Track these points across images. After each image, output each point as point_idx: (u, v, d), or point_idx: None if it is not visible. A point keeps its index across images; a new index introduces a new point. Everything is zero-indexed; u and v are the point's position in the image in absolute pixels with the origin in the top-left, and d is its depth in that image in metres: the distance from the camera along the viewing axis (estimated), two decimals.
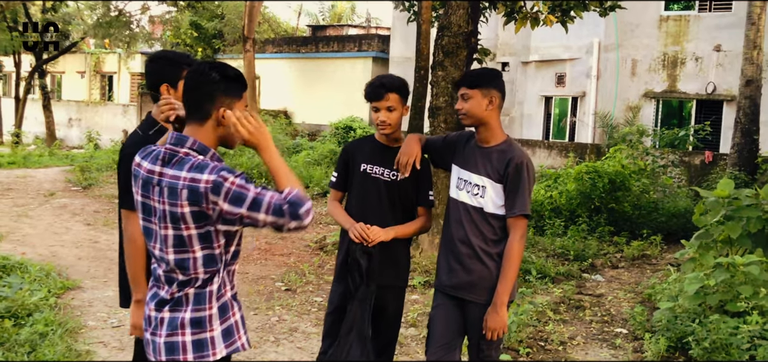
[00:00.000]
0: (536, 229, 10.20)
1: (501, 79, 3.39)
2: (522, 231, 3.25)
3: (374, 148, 3.64)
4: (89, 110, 31.79)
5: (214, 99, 2.42)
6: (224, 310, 2.46)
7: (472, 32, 7.53)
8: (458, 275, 3.38)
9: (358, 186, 3.61)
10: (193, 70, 2.47)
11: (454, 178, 3.49)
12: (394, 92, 3.48)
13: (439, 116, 7.65)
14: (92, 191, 12.77)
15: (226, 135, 2.49)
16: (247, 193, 2.27)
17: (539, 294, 6.96)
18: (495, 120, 3.34)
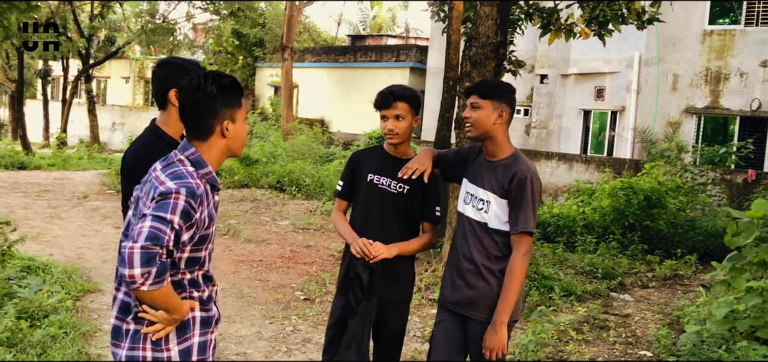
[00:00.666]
0: (567, 245, 9.97)
1: (513, 96, 3.31)
2: (525, 249, 3.13)
3: (382, 158, 3.56)
4: (132, 114, 32.43)
5: (216, 113, 2.40)
6: (183, 329, 2.40)
7: (500, 43, 7.39)
8: (461, 291, 3.28)
9: (363, 196, 3.54)
10: (188, 86, 2.40)
11: (463, 191, 3.41)
12: (403, 101, 3.41)
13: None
14: None
15: (232, 146, 2.49)
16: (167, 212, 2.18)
17: (563, 312, 6.77)
18: (502, 134, 3.25)
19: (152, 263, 2.11)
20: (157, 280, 2.14)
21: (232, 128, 2.44)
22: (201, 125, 2.39)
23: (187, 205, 2.23)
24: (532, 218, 3.13)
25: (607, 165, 15.54)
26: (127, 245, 2.11)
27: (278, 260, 8.47)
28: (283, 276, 7.75)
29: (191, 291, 2.41)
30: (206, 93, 2.36)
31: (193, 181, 2.29)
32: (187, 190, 2.25)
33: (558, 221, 10.83)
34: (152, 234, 2.12)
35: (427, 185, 3.48)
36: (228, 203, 12.24)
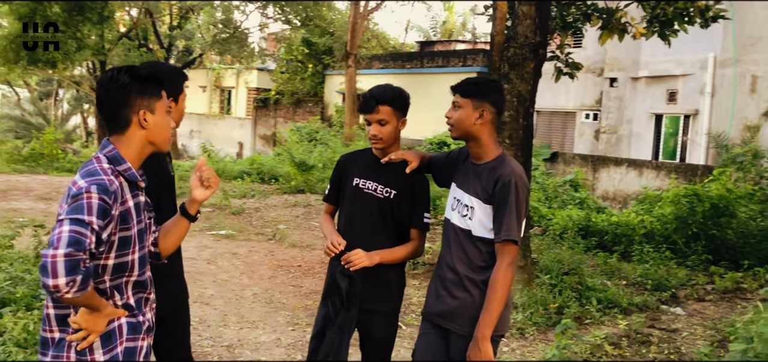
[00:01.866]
0: (624, 255, 9.49)
1: (498, 93, 3.11)
2: (510, 258, 2.92)
3: (369, 162, 3.41)
4: (209, 122, 33.40)
5: (131, 104, 2.34)
6: (108, 339, 2.34)
7: (540, 43, 7.08)
8: (443, 302, 3.10)
9: (349, 201, 3.40)
10: (102, 78, 2.38)
11: (450, 196, 3.23)
12: (385, 104, 3.26)
13: (504, 132, 7.24)
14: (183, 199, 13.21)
15: (154, 138, 2.41)
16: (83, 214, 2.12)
17: (605, 325, 6.41)
18: (486, 135, 3.05)
19: (77, 270, 2.05)
20: (83, 287, 2.09)
21: (151, 118, 2.36)
22: (117, 116, 2.34)
23: (102, 202, 2.16)
24: (516, 225, 2.91)
25: (678, 172, 14.82)
26: (48, 253, 2.04)
27: (317, 265, 8.42)
28: (318, 281, 7.68)
29: (119, 297, 2.36)
30: (118, 83, 2.31)
31: (105, 177, 2.23)
32: (98, 187, 2.18)
33: (616, 229, 10.34)
34: (73, 239, 2.06)
35: (416, 189, 3.32)
36: (281, 208, 12.33)
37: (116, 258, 2.30)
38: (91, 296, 2.19)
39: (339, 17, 27.36)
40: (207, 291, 7.03)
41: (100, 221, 2.15)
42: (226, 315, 6.26)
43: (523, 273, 7.23)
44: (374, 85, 3.42)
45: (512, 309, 6.67)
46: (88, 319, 2.25)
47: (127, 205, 2.32)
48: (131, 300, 2.40)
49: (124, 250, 2.32)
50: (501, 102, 3.09)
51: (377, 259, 3.23)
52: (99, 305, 2.25)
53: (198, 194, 2.55)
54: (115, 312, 2.33)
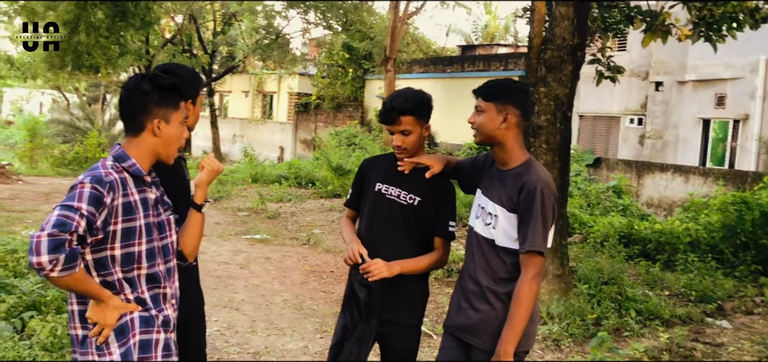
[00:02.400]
0: (667, 264, 9.15)
1: (522, 95, 2.94)
2: (535, 270, 2.75)
3: (393, 167, 3.26)
4: (251, 127, 33.73)
5: (148, 111, 2.46)
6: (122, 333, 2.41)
7: (578, 45, 6.86)
8: (465, 314, 2.95)
9: (370, 207, 3.26)
10: (127, 82, 2.50)
11: (475, 204, 3.08)
12: (407, 115, 3.11)
13: (541, 136, 7.05)
14: (221, 203, 13.32)
15: (162, 148, 2.52)
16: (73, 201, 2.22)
17: (645, 338, 6.15)
18: (512, 140, 2.89)
19: (61, 249, 2.13)
20: (67, 266, 2.15)
21: (164, 128, 2.48)
22: (133, 120, 2.46)
23: (94, 191, 2.25)
24: (541, 235, 2.74)
25: (726, 178, 14.32)
26: (35, 234, 2.13)
27: None
28: None
29: (130, 290, 2.44)
30: (140, 90, 2.44)
31: (102, 171, 2.34)
32: (92, 177, 2.29)
33: (659, 238, 9.99)
34: (59, 222, 2.16)
35: (440, 196, 3.18)
36: (316, 213, 12.29)
37: (122, 249, 2.38)
38: (83, 281, 2.26)
39: (379, 22, 27.30)
40: (238, 295, 6.99)
41: (91, 207, 2.23)
42: (254, 321, 6.20)
43: (560, 282, 7.01)
44: (394, 92, 3.29)
45: (548, 319, 6.49)
46: (97, 312, 2.35)
47: (131, 197, 2.41)
48: (146, 294, 2.47)
49: (130, 241, 2.40)
50: (526, 104, 2.93)
51: (397, 270, 3.08)
52: (100, 294, 2.34)
53: (197, 179, 2.71)
54: (124, 306, 2.40)
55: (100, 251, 2.36)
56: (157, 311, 2.50)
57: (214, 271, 8.00)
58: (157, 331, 2.49)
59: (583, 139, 20.42)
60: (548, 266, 7.05)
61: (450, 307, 3.10)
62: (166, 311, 2.56)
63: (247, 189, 14.86)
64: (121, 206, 2.35)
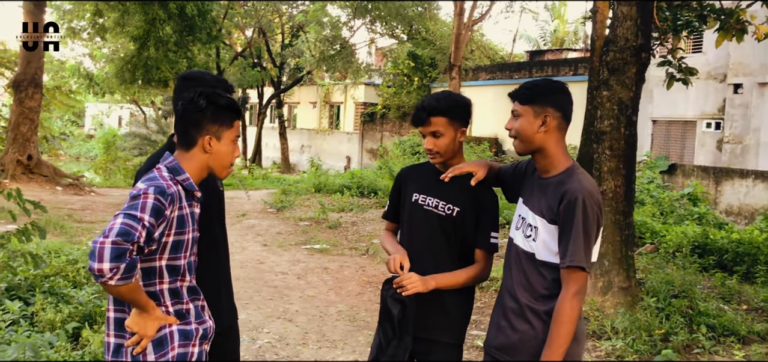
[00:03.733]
0: (745, 276, 8.61)
1: (561, 95, 2.69)
2: (576, 287, 2.52)
3: (431, 175, 3.10)
4: (318, 137, 34.09)
5: (201, 127, 2.49)
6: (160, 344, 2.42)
7: (642, 46, 6.52)
8: (503, 333, 2.74)
9: (408, 218, 3.10)
10: (184, 98, 2.53)
11: (516, 213, 2.87)
12: (439, 116, 2.95)
13: (604, 142, 6.73)
14: (284, 213, 13.38)
15: (213, 164, 2.55)
16: (137, 211, 2.25)
17: (718, 355, 5.75)
18: (553, 145, 2.66)
19: (122, 258, 2.15)
20: (126, 276, 2.18)
21: (215, 145, 2.51)
22: (186, 135, 2.51)
23: (157, 202, 2.29)
24: (583, 249, 2.51)
25: None
26: (98, 240, 2.15)
27: None
28: None
29: (171, 302, 2.47)
30: (196, 106, 2.47)
31: (164, 181, 2.38)
32: (156, 188, 2.32)
33: (737, 248, 9.41)
34: (123, 230, 2.18)
35: (481, 206, 2.98)
36: (377, 223, 12.18)
37: (169, 260, 2.43)
38: (136, 290, 2.28)
39: (444, 30, 27.13)
40: (292, 306, 6.94)
41: (153, 219, 2.27)
42: (307, 332, 6.12)
43: (626, 295, 6.67)
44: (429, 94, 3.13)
45: (612, 334, 6.16)
46: (138, 322, 2.36)
47: (184, 211, 2.46)
48: (190, 305, 2.53)
49: (177, 253, 2.45)
50: (567, 104, 2.68)
51: (433, 284, 2.89)
52: (147, 305, 2.36)
53: None
54: (165, 318, 2.42)
55: (149, 261, 2.39)
56: (198, 323, 2.54)
57: (272, 281, 7.99)
58: (194, 345, 2.52)
59: (657, 145, 19.65)
60: (613, 278, 6.73)
61: (490, 325, 2.90)
62: (208, 323, 2.62)
63: (310, 199, 14.91)
64: (176, 219, 2.41)
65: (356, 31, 29.68)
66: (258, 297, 7.23)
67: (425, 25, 26.40)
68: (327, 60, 28.81)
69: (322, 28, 28.46)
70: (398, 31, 28.44)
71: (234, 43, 33.21)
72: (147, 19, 14.10)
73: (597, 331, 6.31)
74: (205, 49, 16.79)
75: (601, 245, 6.80)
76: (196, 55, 16.22)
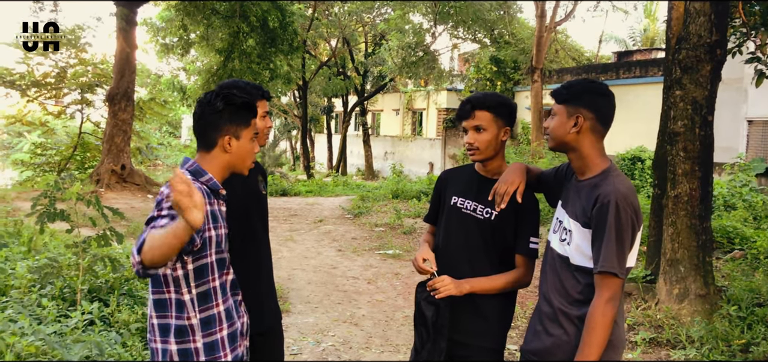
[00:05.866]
0: None
1: (597, 96, 2.61)
2: (609, 293, 2.44)
3: (470, 179, 3.09)
4: (401, 144, 34.23)
5: (220, 128, 2.51)
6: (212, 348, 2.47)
7: (717, 43, 6.24)
8: (539, 338, 2.70)
9: (446, 221, 3.09)
10: (200, 100, 2.57)
11: (554, 217, 2.83)
12: (483, 110, 2.93)
13: (678, 143, 6.48)
14: (360, 219, 13.53)
15: (235, 162, 2.58)
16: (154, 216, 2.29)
17: None
18: (588, 146, 2.61)
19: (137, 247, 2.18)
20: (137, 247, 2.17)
21: (235, 144, 2.53)
22: (205, 136, 2.53)
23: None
24: (616, 254, 2.42)
25: None
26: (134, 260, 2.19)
27: None
28: None
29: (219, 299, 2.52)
30: (213, 108, 2.49)
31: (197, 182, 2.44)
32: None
33: None
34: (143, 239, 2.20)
35: (521, 209, 2.92)
36: None
37: (216, 254, 2.49)
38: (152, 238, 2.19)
39: (527, 32, 26.71)
40: (359, 311, 7.03)
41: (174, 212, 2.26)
42: (371, 337, 6.18)
43: (703, 303, 6.38)
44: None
45: (687, 343, 5.90)
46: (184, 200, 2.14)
47: (214, 206, 2.51)
48: (230, 301, 2.58)
49: (220, 247, 2.52)
50: (603, 106, 2.60)
51: (467, 288, 2.88)
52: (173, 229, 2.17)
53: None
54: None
55: (200, 259, 2.43)
56: (238, 317, 2.60)
57: (342, 286, 8.11)
58: (240, 345, 2.59)
59: (753, 146, 18.62)
60: (690, 285, 6.46)
61: (527, 330, 2.86)
62: (244, 317, 2.69)
63: (387, 205, 15.01)
64: (210, 214, 2.45)
65: (438, 37, 29.64)
66: (327, 301, 7.36)
67: (507, 28, 26.07)
68: (409, 67, 28.89)
69: (403, 35, 28.61)
70: (480, 35, 28.21)
71: (319, 54, 33.87)
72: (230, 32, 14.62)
73: (671, 340, 6.07)
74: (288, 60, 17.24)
75: (677, 251, 6.54)
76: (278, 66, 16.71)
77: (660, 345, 6.07)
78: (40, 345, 3.81)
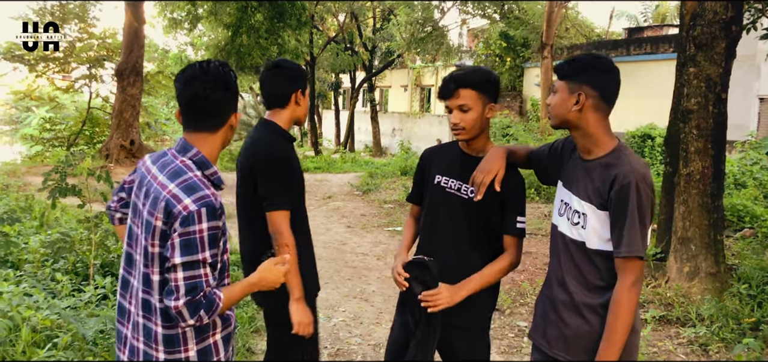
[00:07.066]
0: None
1: (601, 72, 2.49)
2: (634, 277, 2.37)
3: (454, 157, 2.97)
4: (409, 120, 34.16)
5: (233, 105, 2.33)
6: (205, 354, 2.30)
7: (733, 19, 6.17)
8: (556, 327, 2.60)
9: (430, 201, 2.98)
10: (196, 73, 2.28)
11: (557, 198, 2.73)
12: (468, 88, 2.80)
13: (691, 121, 6.43)
14: (369, 195, 13.55)
15: (226, 139, 2.39)
16: (197, 251, 2.11)
17: None
18: (593, 124, 2.51)
19: (198, 308, 2.11)
20: (211, 313, 2.15)
21: (235, 122, 2.36)
22: (215, 115, 2.29)
23: (213, 231, 2.15)
24: (639, 237, 2.36)
25: None
26: (170, 304, 2.10)
27: None
28: None
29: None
30: (230, 86, 2.30)
31: (209, 193, 2.18)
32: (207, 211, 2.13)
33: None
34: (190, 287, 2.10)
35: (506, 190, 2.82)
36: None
37: (223, 254, 2.29)
38: (229, 301, 2.24)
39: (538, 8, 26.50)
40: (370, 287, 7.06)
41: (213, 249, 2.16)
42: (381, 312, 6.21)
43: (714, 281, 6.37)
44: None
45: (697, 321, 5.90)
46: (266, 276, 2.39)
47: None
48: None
49: (225, 246, 2.31)
50: (606, 83, 2.50)
51: (464, 293, 2.78)
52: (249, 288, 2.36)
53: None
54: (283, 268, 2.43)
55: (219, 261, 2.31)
56: (232, 321, 2.45)
57: (352, 262, 8.14)
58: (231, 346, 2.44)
59: (765, 124, 18.50)
60: (700, 263, 6.45)
61: (535, 317, 2.78)
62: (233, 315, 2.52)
63: (396, 182, 15.01)
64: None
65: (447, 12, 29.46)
66: (337, 277, 7.39)
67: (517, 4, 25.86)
68: (418, 43, 28.77)
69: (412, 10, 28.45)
70: (490, 10, 28.01)
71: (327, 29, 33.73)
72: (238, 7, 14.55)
73: (681, 318, 6.07)
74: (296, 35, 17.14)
75: (688, 229, 6.52)
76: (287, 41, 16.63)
77: (670, 323, 6.07)
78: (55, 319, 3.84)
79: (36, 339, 3.85)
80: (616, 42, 25.72)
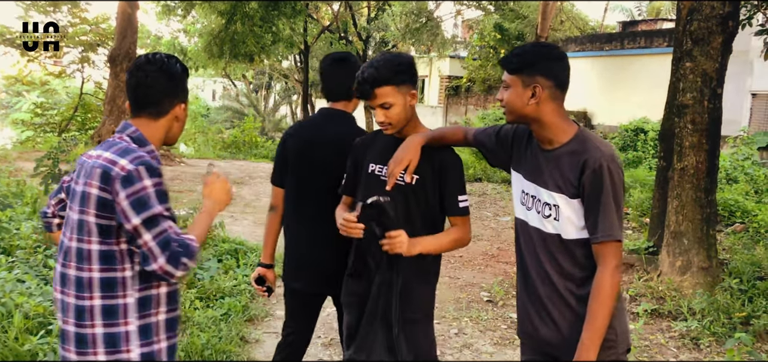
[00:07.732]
0: None
1: (552, 61, 2.44)
2: (615, 261, 2.34)
3: (386, 144, 2.89)
4: None
5: (177, 94, 2.35)
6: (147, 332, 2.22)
7: (729, 14, 6.18)
8: (546, 324, 2.54)
9: (364, 191, 2.88)
10: (143, 62, 2.33)
11: (517, 190, 2.65)
12: (383, 85, 2.73)
13: (686, 115, 6.45)
14: None
15: (177, 131, 2.43)
16: (152, 206, 2.08)
17: None
18: (550, 115, 2.44)
19: (179, 256, 2.08)
20: (191, 257, 2.12)
21: (181, 115, 2.39)
22: (158, 103, 2.31)
23: (157, 187, 2.13)
24: (615, 220, 2.34)
25: None
26: (155, 268, 2.07)
27: (480, 257, 8.11)
28: (476, 274, 7.39)
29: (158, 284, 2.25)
30: (177, 74, 2.34)
31: (143, 152, 2.19)
32: (147, 168, 2.13)
33: None
34: (162, 242, 2.08)
35: (442, 171, 2.79)
36: None
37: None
38: (201, 236, 2.27)
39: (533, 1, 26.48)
40: None
41: (166, 204, 2.15)
42: None
43: (706, 276, 6.40)
44: (367, 61, 2.85)
45: (688, 315, 5.94)
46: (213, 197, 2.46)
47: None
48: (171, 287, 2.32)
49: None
50: (559, 71, 2.44)
51: (418, 249, 2.71)
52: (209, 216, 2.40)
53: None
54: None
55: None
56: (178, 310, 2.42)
57: None
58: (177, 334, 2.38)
59: (756, 120, 18.59)
60: (692, 257, 6.48)
61: (521, 315, 2.68)
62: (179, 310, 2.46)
63: None
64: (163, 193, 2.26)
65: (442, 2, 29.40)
66: None
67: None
68: (412, 33, 28.69)
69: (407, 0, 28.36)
70: (485, 2, 27.95)
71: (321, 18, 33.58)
72: None
73: (673, 312, 6.11)
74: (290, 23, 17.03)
75: (681, 224, 6.56)
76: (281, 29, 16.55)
77: (662, 317, 6.10)
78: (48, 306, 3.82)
79: (28, 325, 3.83)
80: (610, 35, 25.74)
